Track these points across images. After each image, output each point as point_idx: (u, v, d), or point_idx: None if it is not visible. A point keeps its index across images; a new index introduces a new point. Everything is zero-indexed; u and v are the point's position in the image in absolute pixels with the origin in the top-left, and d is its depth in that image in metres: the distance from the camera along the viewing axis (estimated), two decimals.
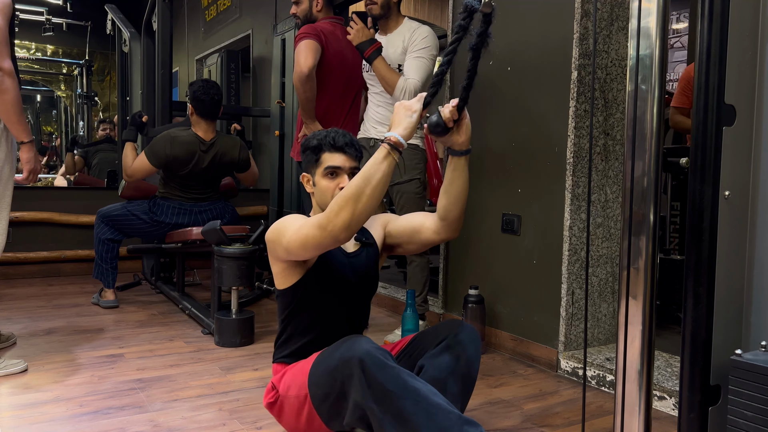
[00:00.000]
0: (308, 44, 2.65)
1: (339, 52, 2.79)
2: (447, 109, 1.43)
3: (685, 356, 1.09)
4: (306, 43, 2.66)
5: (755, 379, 0.97)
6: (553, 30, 2.41)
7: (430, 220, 1.67)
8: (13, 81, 2.09)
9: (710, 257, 1.08)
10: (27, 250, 4.07)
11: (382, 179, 1.37)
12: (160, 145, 3.17)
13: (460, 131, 1.48)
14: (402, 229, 1.74)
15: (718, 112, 1.07)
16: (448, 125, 1.45)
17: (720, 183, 1.08)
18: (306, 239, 1.44)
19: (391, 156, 1.38)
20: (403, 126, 1.40)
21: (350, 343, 1.41)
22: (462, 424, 1.32)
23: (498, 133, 2.67)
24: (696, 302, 1.08)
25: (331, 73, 2.78)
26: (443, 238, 1.66)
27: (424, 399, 1.34)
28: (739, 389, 0.99)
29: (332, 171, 1.60)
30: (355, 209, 1.35)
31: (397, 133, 1.39)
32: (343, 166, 1.60)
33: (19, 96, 2.13)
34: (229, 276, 2.63)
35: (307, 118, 2.78)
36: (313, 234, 1.42)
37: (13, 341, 2.56)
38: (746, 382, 0.98)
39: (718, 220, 1.08)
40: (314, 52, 2.65)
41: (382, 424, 1.33)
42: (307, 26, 2.74)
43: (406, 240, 1.74)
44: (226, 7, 5.88)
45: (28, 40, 7.56)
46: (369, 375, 1.34)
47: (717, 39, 1.06)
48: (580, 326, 2.42)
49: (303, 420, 1.57)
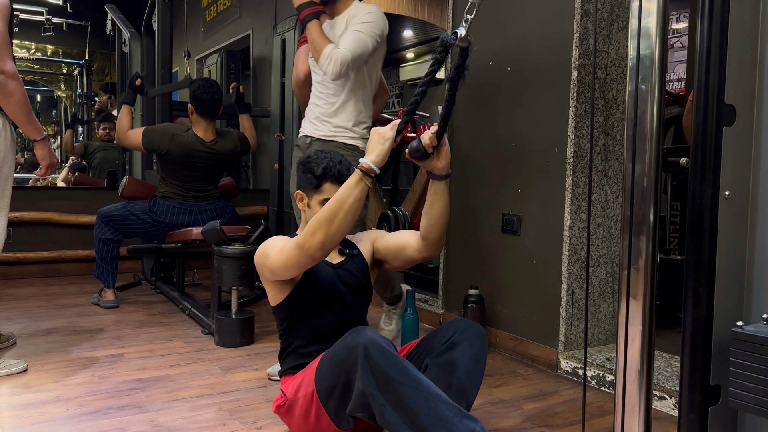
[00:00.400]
0: (305, 49, 2.64)
1: None
2: (426, 136, 1.50)
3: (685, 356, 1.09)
4: (304, 49, 2.65)
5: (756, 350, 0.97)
6: (553, 30, 2.41)
7: (414, 239, 1.74)
8: (17, 83, 2.09)
9: (710, 257, 1.08)
10: (27, 250, 4.07)
11: (354, 203, 1.47)
12: (158, 136, 3.20)
13: (440, 157, 1.55)
14: (388, 246, 1.82)
15: (718, 112, 1.07)
16: (428, 151, 1.52)
17: (720, 183, 1.08)
18: (287, 259, 1.55)
19: (363, 182, 1.47)
20: (375, 153, 1.49)
21: (355, 334, 1.45)
22: (462, 417, 1.34)
23: (498, 133, 2.67)
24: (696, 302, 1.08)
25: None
26: (425, 257, 1.73)
27: (425, 389, 1.36)
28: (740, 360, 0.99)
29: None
30: (329, 231, 1.47)
31: (369, 160, 1.48)
32: None
33: (26, 96, 2.14)
34: (229, 276, 2.63)
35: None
36: (292, 254, 1.53)
37: (13, 341, 2.56)
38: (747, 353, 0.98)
39: (718, 220, 1.08)
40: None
41: (384, 411, 1.35)
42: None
43: (392, 257, 1.82)
44: (226, 7, 5.89)
45: (28, 40, 7.56)
46: (372, 361, 1.37)
47: (717, 39, 1.06)
48: (580, 326, 2.42)
49: (312, 420, 1.58)
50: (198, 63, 6.52)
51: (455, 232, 2.91)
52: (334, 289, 1.72)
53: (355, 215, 1.49)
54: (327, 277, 1.72)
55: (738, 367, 0.99)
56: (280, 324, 1.77)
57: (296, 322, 1.73)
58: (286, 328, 1.75)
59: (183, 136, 3.19)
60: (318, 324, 1.72)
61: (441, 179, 1.59)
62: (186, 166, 3.24)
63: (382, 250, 1.83)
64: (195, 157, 3.23)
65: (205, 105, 3.20)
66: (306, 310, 1.71)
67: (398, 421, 1.34)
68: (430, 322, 3.04)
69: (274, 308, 1.75)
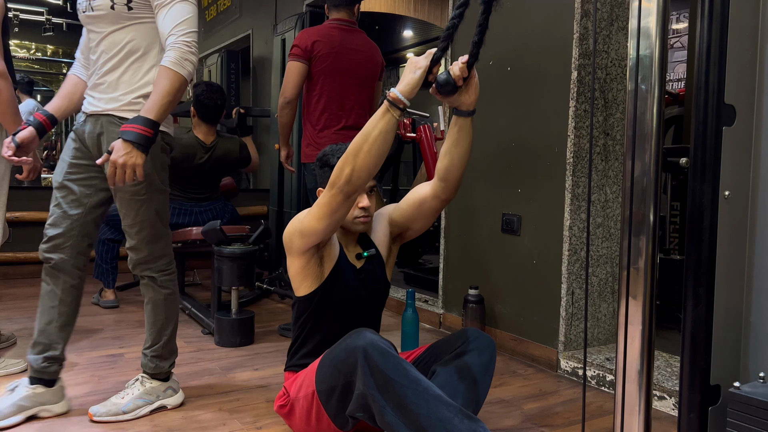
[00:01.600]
0: (292, 67, 2.70)
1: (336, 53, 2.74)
2: (456, 67, 1.42)
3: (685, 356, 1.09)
4: (290, 66, 2.70)
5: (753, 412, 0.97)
6: (553, 30, 2.41)
7: (427, 188, 1.69)
8: (6, 82, 2.09)
9: (710, 257, 1.08)
10: (27, 250, 4.07)
11: (380, 136, 1.39)
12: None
13: (469, 90, 1.47)
14: (405, 211, 1.77)
15: (718, 112, 1.07)
16: (458, 84, 1.43)
17: (720, 183, 1.08)
18: (321, 207, 1.49)
19: (389, 113, 1.39)
20: (406, 81, 1.39)
21: (355, 335, 1.44)
22: (463, 417, 1.33)
23: (498, 132, 2.67)
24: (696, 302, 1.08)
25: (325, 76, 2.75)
26: (444, 200, 1.69)
27: (425, 390, 1.36)
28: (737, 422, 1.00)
29: None
30: (355, 164, 1.41)
31: (398, 89, 1.38)
32: None
33: (14, 96, 2.13)
34: (229, 276, 2.63)
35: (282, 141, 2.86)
36: (326, 199, 1.48)
37: (13, 341, 2.56)
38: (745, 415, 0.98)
39: (718, 220, 1.08)
40: (300, 78, 2.71)
41: (383, 412, 1.34)
42: (300, 36, 2.73)
43: (414, 217, 1.76)
44: (226, 7, 5.89)
45: (28, 40, 7.56)
46: (371, 362, 1.36)
47: (717, 39, 1.06)
48: (580, 326, 2.42)
49: (313, 420, 1.58)
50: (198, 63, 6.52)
51: (455, 232, 2.91)
52: (357, 296, 1.71)
53: (381, 149, 1.41)
54: (352, 283, 1.70)
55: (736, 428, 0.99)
56: (298, 317, 1.72)
57: (315, 320, 1.70)
58: (303, 323, 1.72)
59: (184, 138, 3.20)
60: (334, 325, 1.70)
61: (468, 115, 1.53)
62: (186, 168, 3.24)
63: (400, 219, 1.79)
64: (195, 159, 3.23)
65: (208, 110, 3.21)
66: (326, 309, 1.69)
67: (398, 422, 1.34)
68: (430, 322, 3.04)
69: (297, 299, 1.71)
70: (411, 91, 1.39)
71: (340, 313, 1.69)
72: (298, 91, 2.73)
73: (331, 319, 1.69)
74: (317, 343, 1.71)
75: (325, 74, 2.73)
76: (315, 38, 2.71)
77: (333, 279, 1.66)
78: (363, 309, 1.73)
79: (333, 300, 1.67)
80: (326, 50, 2.71)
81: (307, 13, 3.99)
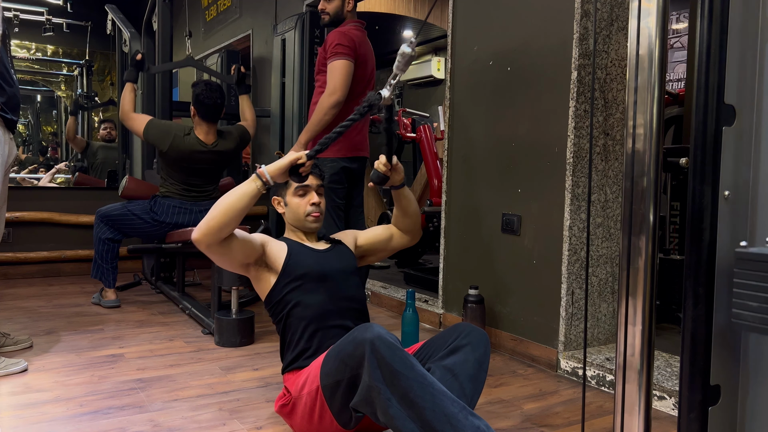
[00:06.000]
0: (346, 67, 2.60)
1: (363, 61, 2.75)
2: (381, 165, 1.73)
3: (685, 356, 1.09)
4: (344, 65, 2.60)
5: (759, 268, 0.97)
6: (553, 30, 2.41)
7: (394, 230, 1.99)
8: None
9: (710, 257, 1.08)
10: (27, 250, 4.08)
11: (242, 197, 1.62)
12: (159, 134, 3.20)
13: (396, 172, 1.79)
14: (375, 240, 2.00)
15: (718, 112, 1.07)
16: (387, 174, 1.76)
17: (720, 183, 1.08)
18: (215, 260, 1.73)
19: (254, 182, 1.63)
20: (276, 164, 1.64)
21: (362, 329, 1.45)
22: (467, 413, 1.34)
23: (498, 133, 2.67)
24: (696, 302, 1.08)
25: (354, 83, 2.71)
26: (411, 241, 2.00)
27: (431, 384, 1.37)
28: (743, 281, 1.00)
29: (302, 189, 1.85)
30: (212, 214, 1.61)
31: (267, 167, 1.64)
32: (311, 184, 1.85)
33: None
34: (229, 276, 2.63)
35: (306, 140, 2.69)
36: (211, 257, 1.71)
37: (29, 344, 2.55)
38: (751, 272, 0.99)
39: (718, 220, 1.08)
40: (350, 77, 2.63)
41: (388, 405, 1.35)
42: (342, 36, 2.65)
43: (381, 248, 2.01)
44: (226, 7, 5.89)
45: (28, 40, 7.56)
46: (378, 355, 1.37)
47: (717, 39, 1.06)
48: (579, 326, 2.42)
49: (315, 418, 1.58)
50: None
51: (455, 231, 2.91)
52: (323, 269, 1.79)
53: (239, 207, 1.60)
54: (312, 260, 1.80)
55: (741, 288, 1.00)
56: (276, 316, 1.79)
57: (289, 312, 1.75)
58: (281, 320, 1.77)
59: (184, 139, 3.20)
60: (312, 304, 1.74)
61: (400, 188, 1.86)
62: (187, 167, 3.24)
63: (366, 245, 1.99)
64: (196, 159, 3.24)
65: (208, 110, 3.21)
66: (297, 291, 1.75)
67: (402, 415, 1.34)
68: (430, 322, 3.04)
69: (265, 303, 1.81)
70: (275, 173, 1.63)
71: (310, 290, 1.76)
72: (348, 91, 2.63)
73: (305, 298, 1.75)
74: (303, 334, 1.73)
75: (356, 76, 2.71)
76: (356, 40, 2.68)
77: (289, 263, 1.78)
78: (335, 281, 1.79)
79: (297, 279, 1.76)
80: (361, 52, 2.72)
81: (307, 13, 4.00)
